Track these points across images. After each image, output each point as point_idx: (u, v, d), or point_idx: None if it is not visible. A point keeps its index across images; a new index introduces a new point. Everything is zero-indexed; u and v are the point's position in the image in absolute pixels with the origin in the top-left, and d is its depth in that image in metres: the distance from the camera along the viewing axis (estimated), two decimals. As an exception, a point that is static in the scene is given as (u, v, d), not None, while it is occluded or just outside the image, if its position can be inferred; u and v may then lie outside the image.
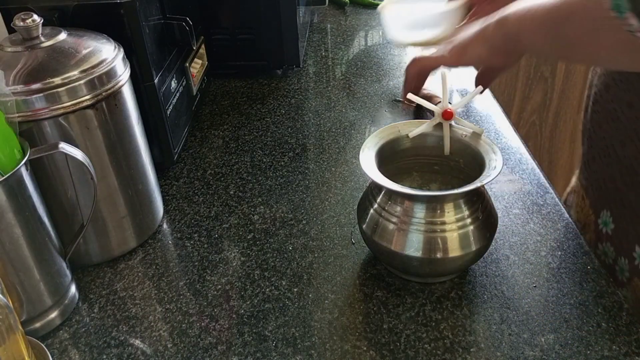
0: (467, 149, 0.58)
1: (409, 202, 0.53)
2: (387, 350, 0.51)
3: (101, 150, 0.56)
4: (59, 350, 0.53)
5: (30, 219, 0.50)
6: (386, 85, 0.97)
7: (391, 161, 0.59)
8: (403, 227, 0.53)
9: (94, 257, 0.61)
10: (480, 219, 0.54)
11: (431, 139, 0.60)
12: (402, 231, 0.53)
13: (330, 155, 0.79)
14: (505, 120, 0.85)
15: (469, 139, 0.58)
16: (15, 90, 0.50)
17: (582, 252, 0.60)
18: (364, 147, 0.57)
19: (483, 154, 0.55)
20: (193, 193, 0.73)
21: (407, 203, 0.54)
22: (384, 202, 0.55)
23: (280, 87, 0.98)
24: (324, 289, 0.57)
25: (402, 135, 0.59)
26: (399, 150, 0.60)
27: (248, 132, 0.85)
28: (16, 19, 0.53)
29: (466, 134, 0.58)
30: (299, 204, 0.70)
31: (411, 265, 0.54)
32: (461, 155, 0.59)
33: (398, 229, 0.54)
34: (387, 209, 0.54)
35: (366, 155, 0.56)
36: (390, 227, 0.54)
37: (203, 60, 0.91)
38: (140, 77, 0.66)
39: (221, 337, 0.53)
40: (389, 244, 0.54)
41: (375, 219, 0.55)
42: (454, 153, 0.59)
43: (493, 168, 0.53)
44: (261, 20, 0.94)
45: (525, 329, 0.52)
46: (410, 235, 0.53)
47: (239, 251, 0.63)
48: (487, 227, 0.55)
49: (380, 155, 0.57)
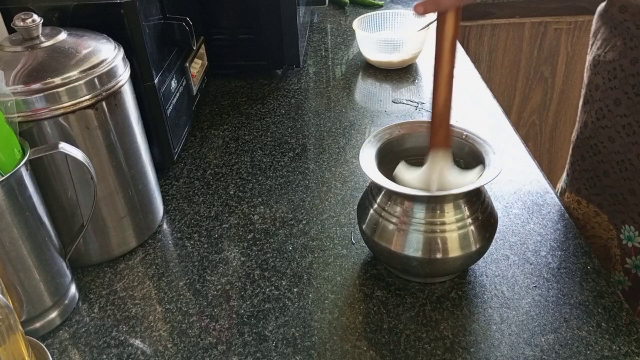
0: (468, 149, 0.58)
1: (408, 203, 0.53)
2: (387, 350, 0.51)
3: (101, 150, 0.56)
4: (59, 350, 0.53)
5: (30, 219, 0.50)
6: (386, 86, 0.97)
7: (391, 161, 0.59)
8: (403, 228, 0.53)
9: (94, 257, 0.61)
10: (480, 219, 0.54)
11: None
12: (402, 231, 0.53)
13: (330, 155, 0.79)
14: (505, 120, 0.85)
15: (469, 139, 0.58)
16: (15, 90, 0.50)
17: (582, 252, 0.60)
18: (363, 147, 0.57)
19: (483, 154, 0.55)
20: (193, 193, 0.73)
21: (406, 203, 0.54)
22: (384, 202, 0.55)
23: (280, 87, 0.98)
24: (324, 289, 0.57)
25: (402, 135, 0.59)
26: (399, 150, 0.60)
27: (248, 132, 0.85)
28: (16, 19, 0.53)
29: (466, 134, 0.58)
30: (299, 204, 0.70)
31: (411, 265, 0.54)
32: (461, 156, 0.59)
33: (398, 229, 0.54)
34: (387, 209, 0.55)
35: (366, 155, 0.56)
36: (390, 228, 0.54)
37: (203, 60, 0.91)
38: (140, 77, 0.66)
39: (221, 337, 0.53)
40: (389, 244, 0.54)
41: (375, 219, 0.55)
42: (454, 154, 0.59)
43: (493, 168, 0.53)
44: (261, 20, 0.94)
45: (525, 329, 0.52)
46: (410, 236, 0.53)
47: (239, 251, 0.63)
48: (487, 227, 0.55)
49: (380, 155, 0.57)
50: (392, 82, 0.98)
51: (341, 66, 1.06)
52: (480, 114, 0.87)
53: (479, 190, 0.55)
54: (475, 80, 0.98)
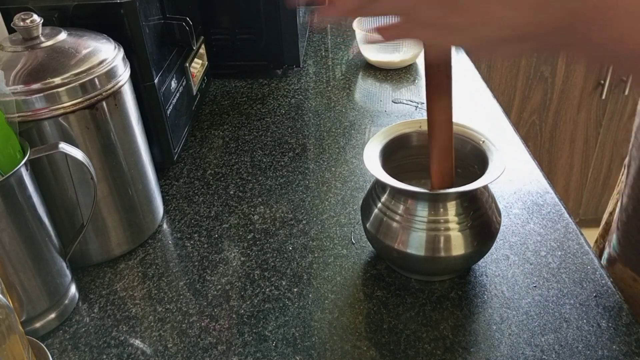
0: (470, 147, 0.58)
1: (412, 201, 0.54)
2: (387, 350, 0.51)
3: (101, 150, 0.56)
4: (59, 350, 0.53)
5: (30, 219, 0.50)
6: (386, 86, 0.97)
7: (396, 159, 0.59)
8: (407, 225, 0.54)
9: (94, 257, 0.61)
10: (483, 218, 0.54)
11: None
12: (406, 229, 0.54)
13: (330, 155, 0.79)
14: (506, 120, 0.85)
15: (473, 138, 0.58)
16: (15, 90, 0.50)
17: (582, 252, 0.60)
18: (368, 144, 0.57)
19: (487, 153, 0.55)
20: (193, 193, 0.73)
21: (410, 201, 0.54)
22: (389, 200, 0.55)
23: (280, 87, 0.98)
24: (324, 289, 0.57)
25: (407, 133, 0.59)
26: (403, 149, 0.60)
27: (248, 132, 0.85)
28: (16, 19, 0.53)
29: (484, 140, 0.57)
30: (299, 204, 0.70)
31: (414, 263, 0.55)
32: (465, 154, 0.59)
33: (402, 227, 0.54)
34: (392, 207, 0.55)
35: (370, 153, 0.56)
36: (395, 226, 0.54)
37: (203, 60, 0.91)
38: (140, 77, 0.66)
39: (221, 337, 0.53)
40: (393, 242, 0.54)
41: (379, 218, 0.55)
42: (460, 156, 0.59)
43: (496, 167, 0.53)
44: (261, 20, 0.94)
45: (525, 329, 0.52)
46: (414, 234, 0.53)
47: (239, 251, 0.63)
48: (490, 226, 0.55)
49: (384, 153, 0.57)
50: (392, 82, 0.98)
51: (341, 66, 1.06)
52: (480, 114, 0.87)
53: (483, 189, 0.55)
54: (475, 80, 0.98)
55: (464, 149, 0.58)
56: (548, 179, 0.72)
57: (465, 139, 0.58)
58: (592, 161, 1.89)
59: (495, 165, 0.53)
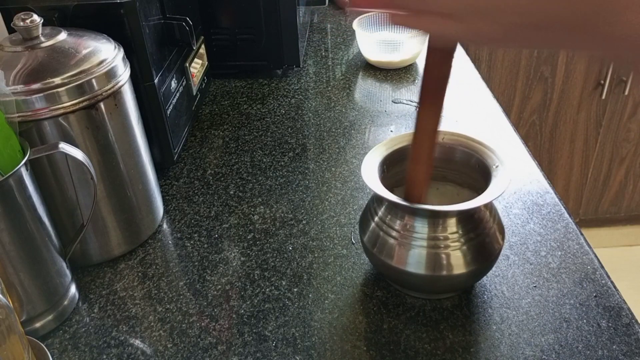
0: (475, 160, 0.55)
1: (410, 216, 0.51)
2: (387, 350, 0.51)
3: (101, 150, 0.56)
4: (59, 350, 0.53)
5: (30, 219, 0.50)
6: (386, 86, 0.97)
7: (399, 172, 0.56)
8: (404, 242, 0.51)
9: (94, 257, 0.61)
10: (487, 233, 0.52)
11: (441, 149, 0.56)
12: (403, 246, 0.51)
13: (330, 155, 0.79)
14: (506, 120, 0.85)
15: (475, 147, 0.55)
16: (15, 90, 0.50)
17: (582, 252, 0.60)
18: (368, 155, 0.54)
19: (490, 166, 0.53)
20: (193, 193, 0.73)
21: (408, 217, 0.51)
22: (385, 215, 0.53)
23: (280, 87, 0.98)
24: (324, 289, 0.57)
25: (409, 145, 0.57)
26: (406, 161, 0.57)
27: (248, 132, 0.85)
28: (16, 19, 0.53)
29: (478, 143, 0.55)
30: (299, 204, 0.70)
31: (413, 282, 0.53)
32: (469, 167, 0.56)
33: (399, 244, 0.51)
34: (388, 222, 0.52)
35: (369, 163, 0.53)
36: (391, 242, 0.52)
37: (203, 60, 0.91)
38: (140, 77, 0.66)
39: (221, 337, 0.53)
40: (390, 259, 0.52)
41: (376, 233, 0.53)
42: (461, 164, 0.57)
43: (501, 182, 0.50)
44: (261, 20, 0.94)
45: (525, 329, 0.52)
46: (413, 251, 0.51)
47: (239, 251, 0.63)
48: (495, 242, 0.53)
49: (385, 165, 0.55)
50: (392, 82, 0.98)
51: (341, 66, 1.06)
52: (480, 114, 0.87)
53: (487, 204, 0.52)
54: (475, 80, 0.98)
55: (468, 161, 0.56)
56: (548, 179, 0.72)
57: (470, 152, 0.56)
58: (592, 161, 1.89)
59: (500, 180, 0.50)
